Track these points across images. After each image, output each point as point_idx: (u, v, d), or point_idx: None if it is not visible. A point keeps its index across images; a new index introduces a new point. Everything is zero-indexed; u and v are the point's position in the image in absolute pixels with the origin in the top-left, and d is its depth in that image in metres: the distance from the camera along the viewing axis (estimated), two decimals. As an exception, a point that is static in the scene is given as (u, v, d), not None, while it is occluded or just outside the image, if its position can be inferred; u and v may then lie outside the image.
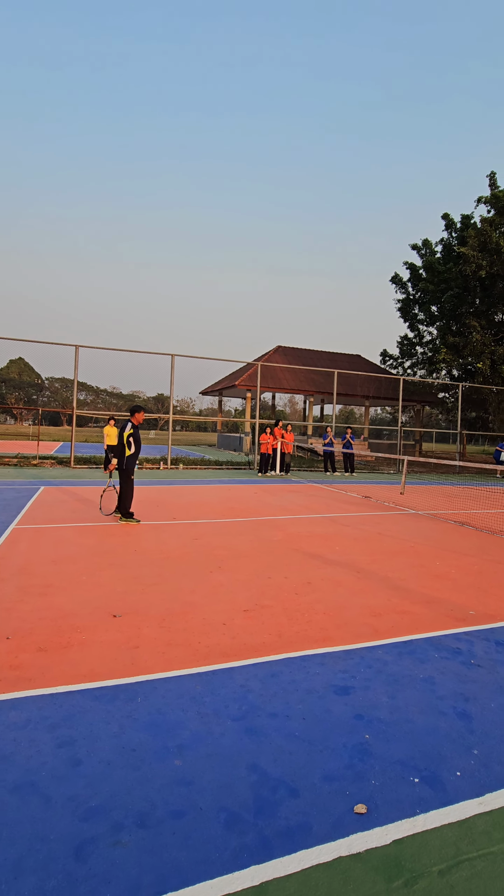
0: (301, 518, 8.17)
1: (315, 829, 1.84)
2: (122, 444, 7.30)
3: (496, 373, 22.66)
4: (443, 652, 3.38)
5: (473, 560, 5.87)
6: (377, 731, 2.46)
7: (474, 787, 2.10)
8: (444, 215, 27.28)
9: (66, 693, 2.68)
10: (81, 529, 6.73)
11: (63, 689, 2.71)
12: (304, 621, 3.78)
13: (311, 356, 30.04)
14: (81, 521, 7.28)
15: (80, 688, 2.74)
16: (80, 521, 7.28)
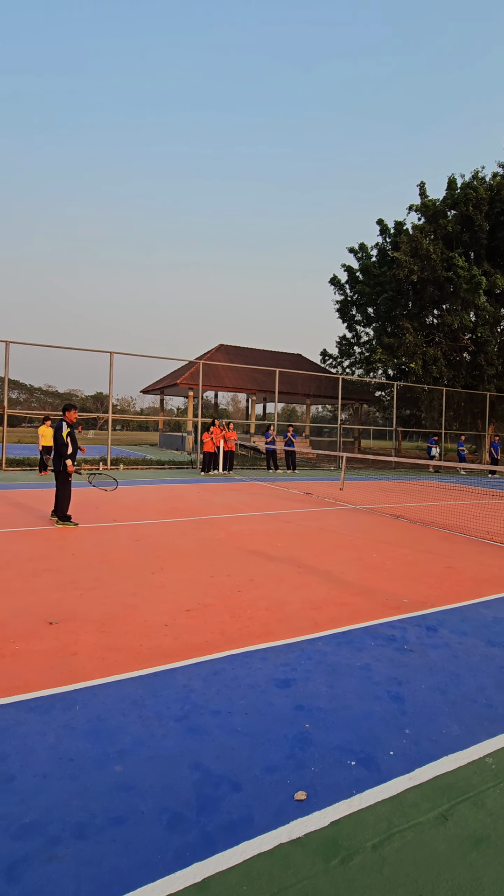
0: (244, 516, 8.24)
1: (257, 820, 1.88)
2: (61, 445, 7.02)
3: (427, 373, 23.92)
4: (378, 640, 3.54)
5: (407, 551, 6.18)
6: (317, 720, 2.54)
7: (406, 765, 2.23)
8: (378, 221, 28.39)
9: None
10: (14, 534, 6.40)
11: (-6, 704, 2.58)
12: (246, 618, 3.82)
13: (253, 355, 30.28)
14: (14, 525, 6.93)
15: (14, 700, 2.61)
16: (13, 525, 6.92)
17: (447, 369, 24.29)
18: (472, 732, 2.48)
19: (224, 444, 15.68)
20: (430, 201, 24.71)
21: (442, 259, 22.97)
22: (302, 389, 28.22)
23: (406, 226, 26.72)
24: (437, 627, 3.79)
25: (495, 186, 23.82)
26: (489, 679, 3.02)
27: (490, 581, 5.03)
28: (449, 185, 24.99)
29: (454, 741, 2.40)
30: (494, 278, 22.56)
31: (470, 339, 24.55)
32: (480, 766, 2.24)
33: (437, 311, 26.05)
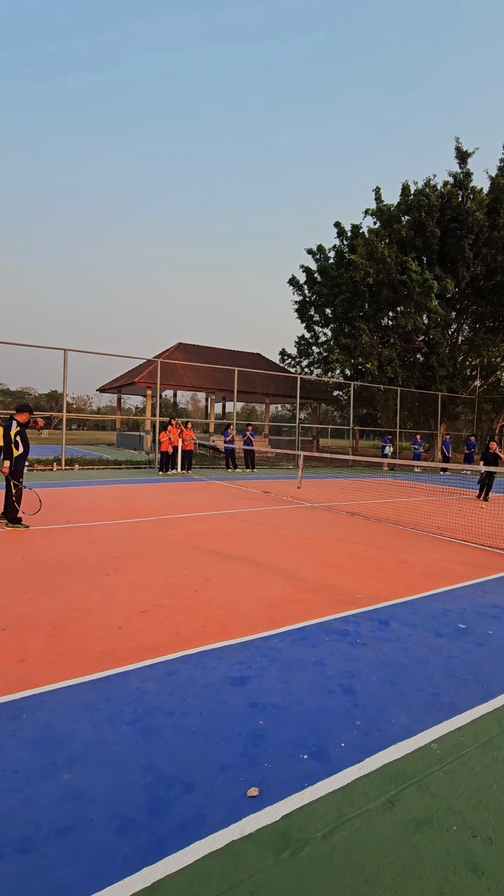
0: (201, 515, 8.20)
1: (209, 820, 1.88)
2: (9, 445, 6.74)
3: (383, 373, 24.59)
4: (332, 635, 3.62)
5: (362, 547, 6.34)
6: (271, 716, 2.57)
7: (356, 755, 2.29)
8: (336, 223, 28.95)
9: None
10: (-41, 539, 6.09)
11: None
12: (202, 618, 3.81)
13: (212, 354, 30.15)
14: (-40, 529, 6.60)
15: (-45, 712, 2.49)
16: (-42, 529, 6.59)
17: (401, 370, 25.06)
18: (420, 720, 2.58)
19: (182, 443, 15.54)
20: (386, 206, 25.40)
21: (396, 263, 23.66)
22: (261, 389, 28.37)
23: (362, 229, 27.38)
24: (389, 621, 3.91)
25: (446, 195, 24.75)
26: (436, 669, 3.15)
27: (439, 575, 5.24)
28: (403, 191, 25.77)
29: (402, 730, 2.49)
30: (445, 283, 23.45)
31: (423, 341, 25.42)
32: (426, 752, 2.33)
33: (392, 313, 26.84)
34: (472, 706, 2.72)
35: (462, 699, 2.79)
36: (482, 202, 24.39)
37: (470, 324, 28.05)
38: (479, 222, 23.95)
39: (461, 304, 26.83)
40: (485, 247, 24.70)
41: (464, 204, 24.77)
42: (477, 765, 2.25)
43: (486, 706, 2.73)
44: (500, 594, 4.67)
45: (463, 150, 25.16)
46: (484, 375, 28.68)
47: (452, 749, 2.35)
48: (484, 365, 28.13)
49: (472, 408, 29.10)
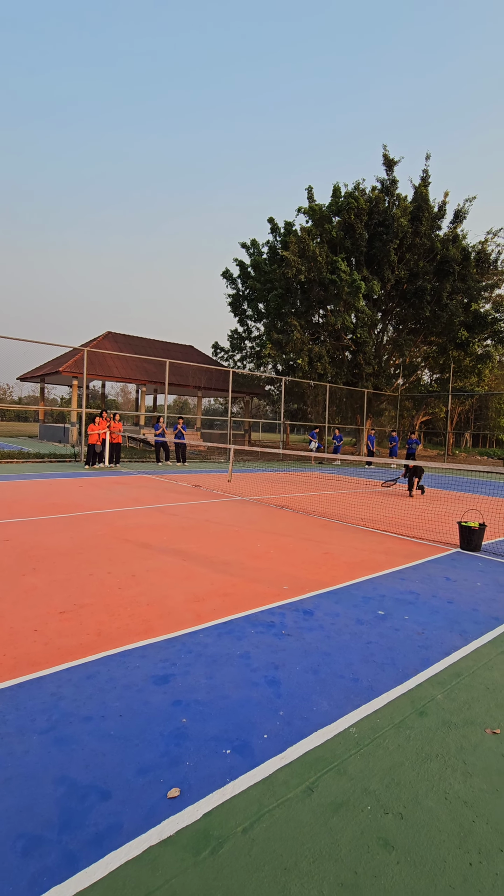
0: (129, 510, 7.96)
1: (126, 827, 1.81)
2: None
3: (313, 369, 25.24)
4: (258, 627, 3.64)
5: (290, 540, 6.46)
6: (194, 713, 2.53)
7: (278, 745, 2.31)
8: (269, 219, 29.18)
9: None
10: None
11: None
12: (126, 616, 3.68)
13: (142, 344, 29.33)
14: None
15: None
16: None
17: (331, 366, 25.86)
18: (340, 706, 2.66)
19: (110, 436, 15.00)
20: (317, 206, 25.98)
21: (327, 262, 24.31)
22: (193, 381, 28.06)
23: (295, 227, 27.82)
24: (314, 611, 4.01)
25: (374, 199, 25.77)
26: (356, 655, 3.26)
27: (361, 564, 5.46)
28: (334, 192, 26.47)
29: (323, 717, 2.55)
30: (372, 284, 24.46)
31: (351, 340, 26.39)
32: (345, 737, 2.40)
33: (323, 311, 27.59)
34: (389, 689, 2.85)
35: (379, 683, 2.92)
36: (406, 209, 25.68)
37: (394, 325, 29.53)
38: (403, 228, 25.20)
39: (386, 305, 28.15)
40: (408, 252, 26.07)
41: (390, 210, 25.92)
42: (391, 745, 2.36)
43: (401, 688, 2.87)
44: (417, 581, 4.96)
45: (390, 158, 26.29)
46: (406, 374, 30.36)
47: (369, 732, 2.45)
48: (406, 364, 29.76)
49: (396, 405, 30.72)
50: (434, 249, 26.09)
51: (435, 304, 26.43)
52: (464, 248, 26.63)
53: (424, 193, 26.31)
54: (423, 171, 26.71)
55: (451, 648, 3.42)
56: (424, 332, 28.15)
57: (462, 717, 2.60)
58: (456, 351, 27.48)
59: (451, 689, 2.89)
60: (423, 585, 4.81)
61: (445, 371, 29.18)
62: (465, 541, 6.39)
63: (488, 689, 2.90)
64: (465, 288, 26.43)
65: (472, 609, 4.22)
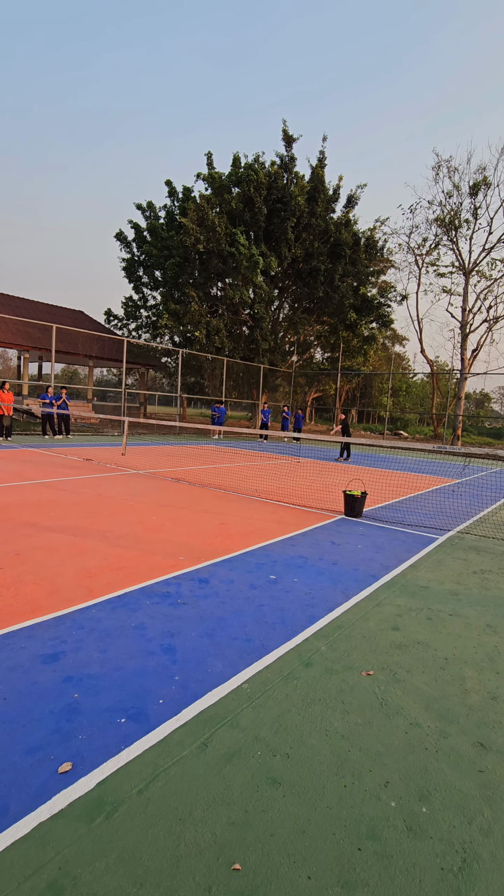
0: (11, 486, 7.36)
1: (13, 808, 1.74)
2: None
3: (210, 342, 25.11)
4: (154, 598, 3.64)
5: (186, 512, 6.48)
6: (87, 688, 2.48)
7: (173, 709, 2.36)
8: (167, 182, 27.88)
9: None
10: None
11: None
12: (9, 596, 3.45)
13: (26, 306, 26.73)
14: None
15: None
16: None
17: (228, 341, 25.94)
18: (233, 666, 2.78)
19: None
20: (217, 174, 25.39)
21: (226, 233, 24.02)
22: (83, 350, 26.34)
23: (194, 193, 26.95)
24: (209, 579, 4.10)
25: (273, 174, 25.85)
26: (249, 618, 3.43)
27: (255, 533, 5.68)
28: (234, 162, 26.04)
29: (217, 677, 2.66)
30: (270, 260, 24.77)
31: (248, 315, 26.63)
32: (238, 693, 2.53)
33: (221, 284, 27.38)
34: (279, 645, 3.05)
35: (270, 641, 3.10)
36: (304, 188, 26.20)
37: (290, 303, 30.36)
38: (301, 207, 25.74)
39: (283, 283, 28.78)
40: (304, 231, 26.75)
41: (288, 187, 26.25)
42: (280, 695, 2.54)
43: (290, 644, 3.09)
44: (305, 546, 5.30)
45: (289, 134, 26.45)
46: (300, 352, 31.56)
47: (260, 686, 2.61)
48: (300, 342, 30.92)
49: (290, 381, 31.89)
50: (328, 231, 27.08)
51: (328, 286, 27.63)
52: (355, 233, 28.02)
53: (321, 175, 27.01)
54: (320, 153, 27.35)
55: (334, 605, 3.74)
56: (318, 312, 29.36)
57: (342, 664, 2.88)
58: (345, 332, 29.16)
59: (334, 640, 3.17)
60: (311, 550, 5.16)
61: (335, 350, 30.89)
62: (349, 508, 6.94)
63: (364, 638, 3.23)
64: (354, 272, 27.94)
65: (353, 569, 4.63)
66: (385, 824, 1.79)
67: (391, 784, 1.99)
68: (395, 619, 3.56)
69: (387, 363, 45.89)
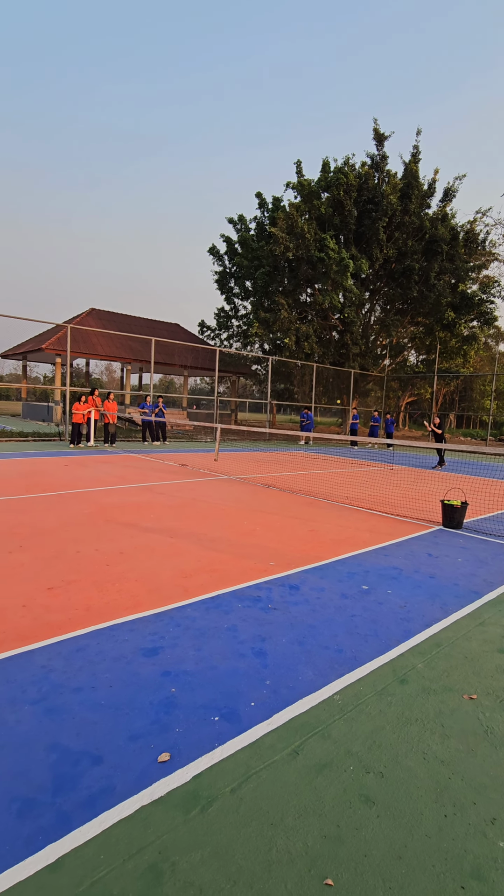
0: (115, 489, 7.95)
1: (119, 789, 1.87)
2: None
3: (300, 348, 25.15)
4: (245, 601, 3.71)
5: (276, 518, 6.54)
6: (183, 683, 2.59)
7: (265, 712, 2.39)
8: (257, 194, 28.57)
9: None
10: None
11: None
12: (114, 591, 3.72)
13: (128, 322, 28.83)
14: None
15: None
16: None
17: (318, 346, 25.80)
18: (324, 675, 2.75)
19: (105, 416, 14.89)
20: (306, 181, 25.49)
21: (315, 239, 23.99)
22: (179, 360, 27.76)
23: (283, 202, 27.30)
24: (300, 586, 4.10)
25: (363, 175, 25.36)
26: (341, 627, 3.36)
27: (346, 541, 5.56)
28: (323, 167, 25.97)
29: (308, 685, 2.64)
30: (360, 263, 24.26)
31: (338, 319, 26.29)
32: (329, 704, 2.49)
33: (310, 289, 27.35)
34: (371, 658, 2.95)
35: (363, 653, 3.02)
36: (396, 186, 25.36)
37: (381, 305, 29.44)
38: (393, 206, 24.93)
39: (374, 284, 28.01)
40: (397, 230, 25.84)
41: (379, 186, 25.58)
42: (373, 710, 2.46)
43: (383, 658, 2.97)
44: (400, 557, 5.08)
45: (380, 133, 25.80)
46: (393, 355, 30.44)
47: (352, 698, 2.54)
48: (393, 345, 29.81)
49: (382, 385, 30.86)
50: (423, 228, 25.90)
51: (423, 285, 26.37)
52: (452, 227, 26.49)
53: (414, 170, 25.96)
54: (414, 147, 26.31)
55: (431, 620, 3.54)
56: (412, 313, 28.13)
57: (441, 684, 2.71)
58: (442, 332, 27.57)
59: (431, 658, 3.00)
60: (406, 561, 4.94)
61: (432, 352, 29.31)
62: (448, 518, 6.53)
63: (466, 658, 3.02)
64: (452, 268, 26.38)
65: (452, 584, 4.35)
66: (493, 865, 1.65)
67: (499, 822, 1.82)
68: (501, 641, 3.27)
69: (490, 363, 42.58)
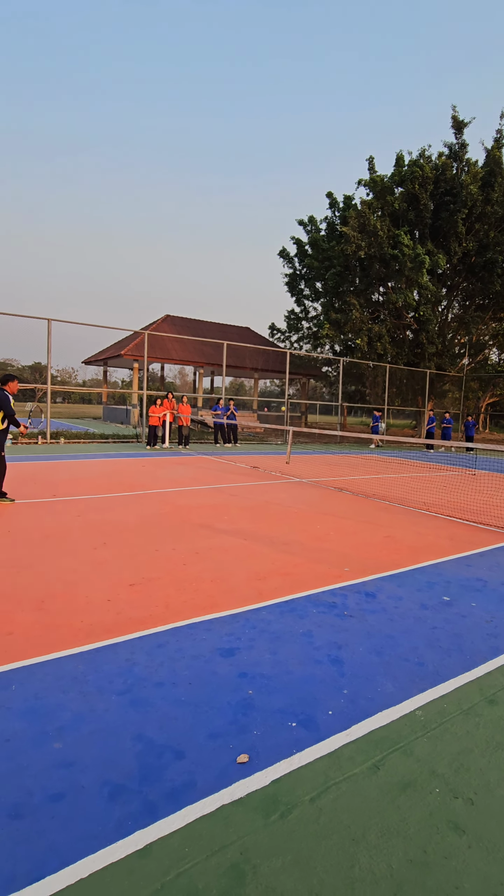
0: (190, 490, 8.19)
1: (200, 785, 1.91)
2: (12, 414, 6.70)
3: (372, 349, 24.48)
4: (320, 607, 3.67)
5: (349, 522, 6.40)
6: (260, 686, 2.61)
7: (343, 722, 2.34)
8: (327, 194, 28.25)
9: None
10: None
11: None
12: (191, 590, 3.83)
13: (200, 327, 29.68)
14: None
15: None
16: None
17: (391, 346, 24.97)
18: (405, 689, 2.64)
19: (179, 419, 15.48)
20: (379, 177, 24.82)
21: (388, 236, 23.28)
22: (250, 363, 28.11)
23: (355, 200, 26.77)
24: (376, 593, 3.98)
25: (440, 166, 24.24)
26: (421, 640, 3.22)
27: (425, 549, 5.32)
28: (397, 161, 25.16)
29: (388, 698, 2.55)
30: (437, 258, 23.19)
31: (413, 318, 25.29)
32: (411, 719, 2.39)
33: (383, 288, 26.56)
34: (456, 675, 2.79)
35: (446, 668, 2.86)
36: (476, 175, 23.97)
37: (460, 301, 27.94)
38: (473, 196, 23.59)
39: (452, 280, 26.65)
40: (477, 222, 24.41)
41: (458, 176, 24.32)
42: (459, 730, 2.32)
43: (469, 675, 2.80)
44: (484, 568, 4.77)
45: (459, 120, 24.54)
46: (472, 353, 28.75)
47: (436, 716, 2.42)
48: (472, 343, 28.16)
49: (460, 386, 29.25)
50: (507, 217, 24.23)
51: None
52: (541, 214, 24.53)
53: (497, 156, 24.39)
54: (497, 132, 24.74)
55: (523, 638, 3.28)
56: (493, 308, 26.44)
57: (536, 709, 2.51)
58: (529, 327, 25.61)
59: (524, 679, 2.78)
60: (491, 573, 4.63)
61: (517, 349, 27.32)
62: (538, 528, 6.04)
63: None
64: (541, 258, 24.42)
65: (545, 599, 4.01)
66: None
67: None
68: None
69: None
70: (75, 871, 1.52)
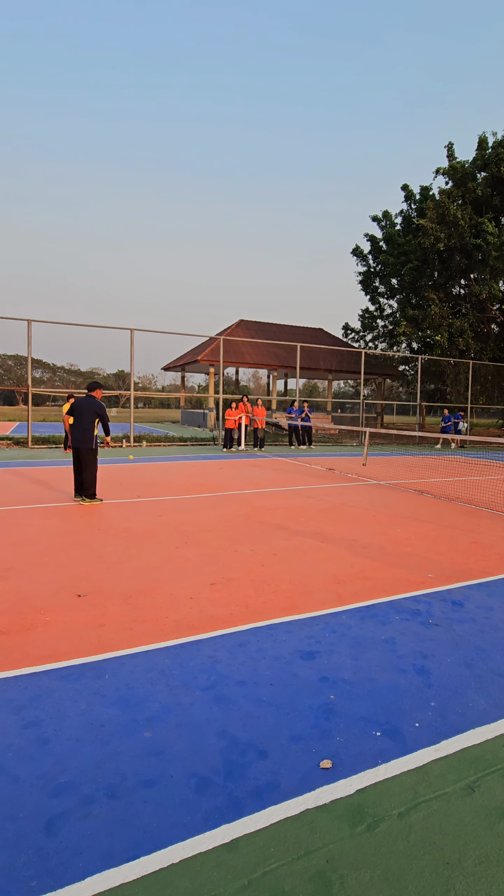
0: (267, 492, 8.25)
1: (283, 786, 1.91)
2: (106, 420, 7.23)
3: (453, 345, 23.23)
4: (403, 614, 3.53)
5: (431, 526, 6.11)
6: (341, 691, 2.56)
7: (431, 736, 2.23)
8: (403, 186, 27.28)
9: (30, 675, 2.64)
10: (41, 511, 6.56)
11: (27, 671, 2.67)
12: (270, 591, 3.85)
13: (273, 330, 29.87)
14: (41, 501, 7.10)
15: (45, 668, 2.70)
16: (40, 501, 7.10)
17: (474, 342, 23.53)
18: (500, 706, 2.46)
19: (253, 421, 15.71)
20: (459, 163, 23.55)
21: (470, 225, 21.99)
22: (323, 364, 27.80)
23: (433, 191, 25.61)
24: (463, 602, 3.75)
25: (530, 144, 22.49)
26: (517, 654, 2.98)
27: (518, 556, 4.93)
28: (479, 144, 23.73)
29: (481, 715, 2.39)
30: (526, 244, 21.51)
31: (498, 310, 23.64)
32: (508, 740, 2.22)
33: (465, 280, 25.12)
34: None
35: (547, 688, 2.63)
36: None
37: None
38: None
39: (544, 266, 24.54)
40: None
41: (550, 153, 22.40)
42: None
43: None
44: None
45: (551, 92, 22.60)
46: None
47: (537, 739, 2.23)
48: None
49: None
50: None
51: None
52: None
53: None
54: None
55: None
56: None
57: None
58: None
59: None
60: None
61: None
62: None
63: None
64: None
65: None
66: None
67: None
68: None
69: None
70: (167, 856, 1.59)
